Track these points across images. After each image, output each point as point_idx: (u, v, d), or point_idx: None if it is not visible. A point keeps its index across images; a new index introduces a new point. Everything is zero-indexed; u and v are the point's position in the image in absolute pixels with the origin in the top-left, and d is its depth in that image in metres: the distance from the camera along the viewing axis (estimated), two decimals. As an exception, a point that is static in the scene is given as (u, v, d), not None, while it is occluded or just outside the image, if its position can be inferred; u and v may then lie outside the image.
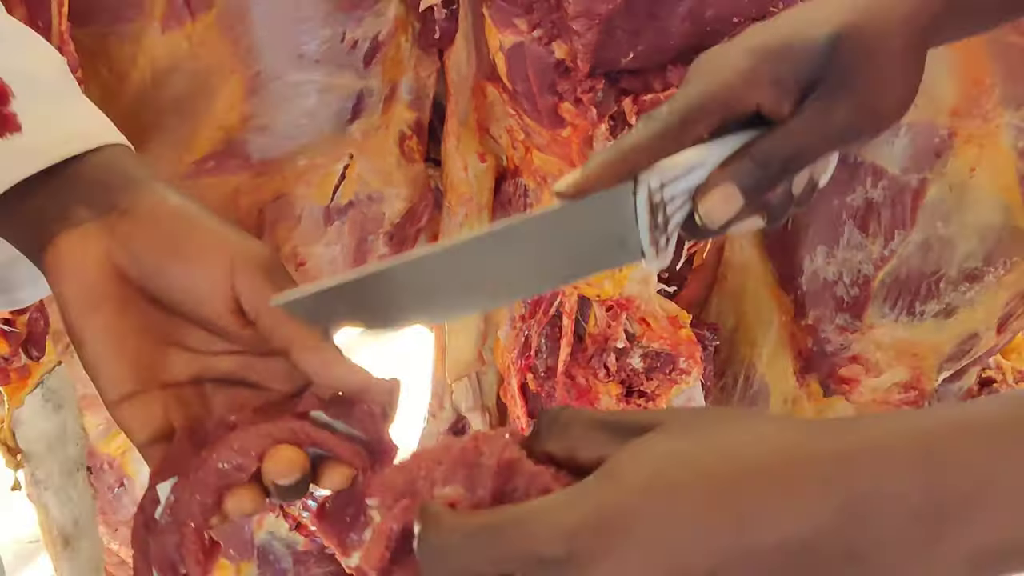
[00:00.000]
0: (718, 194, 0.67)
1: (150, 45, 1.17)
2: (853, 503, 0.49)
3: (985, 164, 1.25)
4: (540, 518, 0.52)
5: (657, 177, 0.67)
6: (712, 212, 0.68)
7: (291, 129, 1.27)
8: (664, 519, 0.50)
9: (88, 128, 0.70)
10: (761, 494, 0.50)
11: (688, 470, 0.52)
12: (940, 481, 0.49)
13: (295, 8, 1.20)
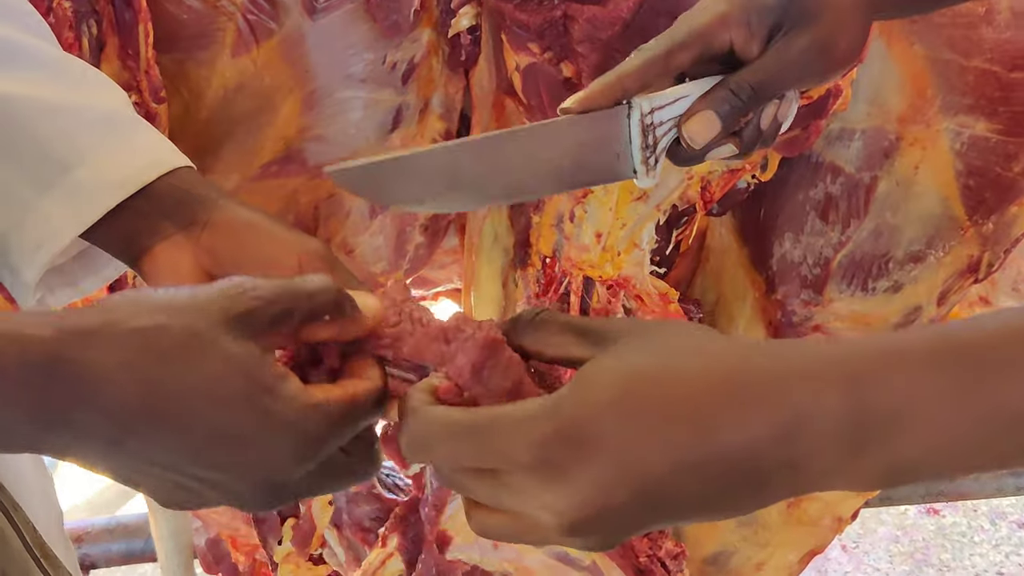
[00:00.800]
0: (700, 119, 0.70)
1: (222, 68, 1.19)
2: (787, 419, 0.49)
3: (927, 163, 1.26)
4: (516, 426, 0.52)
5: (648, 103, 0.70)
6: (694, 134, 0.70)
7: (341, 138, 1.27)
8: (627, 432, 0.51)
9: (160, 156, 0.72)
10: (711, 411, 0.51)
11: (648, 389, 0.52)
12: (863, 403, 0.49)
13: (344, 36, 1.20)
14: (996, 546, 2.42)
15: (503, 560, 1.58)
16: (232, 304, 0.54)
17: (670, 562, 1.47)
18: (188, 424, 0.51)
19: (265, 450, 0.52)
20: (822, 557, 2.31)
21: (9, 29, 0.74)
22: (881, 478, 0.51)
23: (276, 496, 0.55)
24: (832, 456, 0.50)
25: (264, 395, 0.52)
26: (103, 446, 0.50)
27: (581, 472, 0.51)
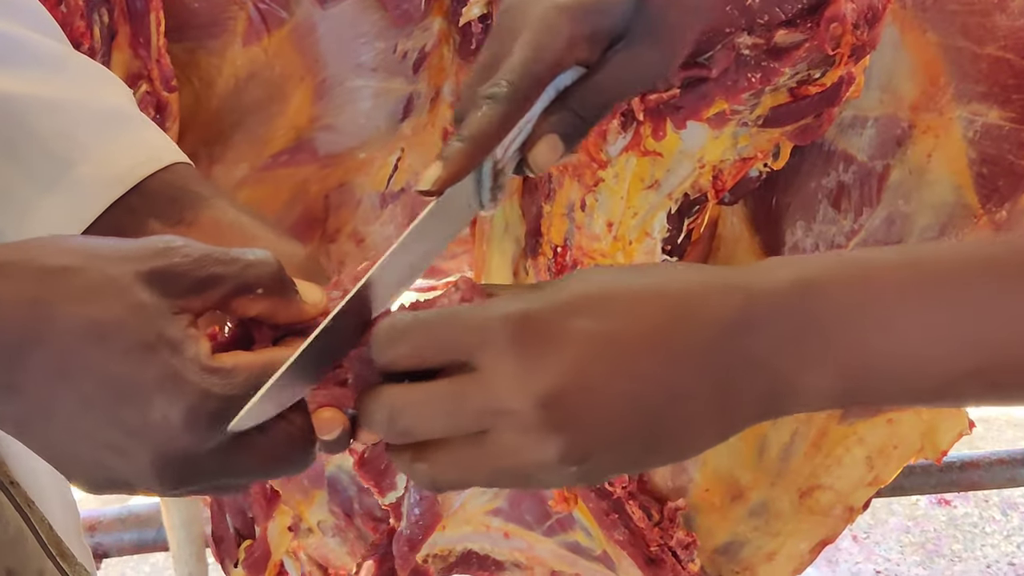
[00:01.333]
0: (544, 145, 0.64)
1: (233, 57, 1.19)
2: (748, 320, 0.52)
3: (940, 151, 1.25)
4: (490, 311, 0.54)
5: (499, 149, 0.64)
6: (539, 161, 0.65)
7: (352, 127, 1.27)
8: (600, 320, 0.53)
9: (158, 152, 0.72)
10: (681, 299, 0.53)
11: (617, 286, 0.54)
12: (811, 312, 0.51)
13: (355, 24, 1.20)
14: (1008, 536, 2.42)
15: (514, 550, 1.58)
16: (154, 258, 0.52)
17: (681, 552, 1.47)
18: (83, 369, 0.49)
19: (161, 411, 0.50)
20: (833, 547, 2.31)
21: (13, 25, 0.74)
22: (834, 382, 0.52)
23: (184, 472, 0.52)
24: (790, 353, 0.52)
25: (165, 349, 0.50)
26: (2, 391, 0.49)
27: (556, 350, 0.52)
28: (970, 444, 1.71)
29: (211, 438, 0.51)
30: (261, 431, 0.54)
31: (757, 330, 0.52)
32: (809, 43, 1.09)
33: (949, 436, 1.46)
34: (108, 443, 0.50)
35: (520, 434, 0.52)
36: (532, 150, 0.64)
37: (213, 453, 0.52)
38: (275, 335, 0.58)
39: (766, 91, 1.14)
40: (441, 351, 0.54)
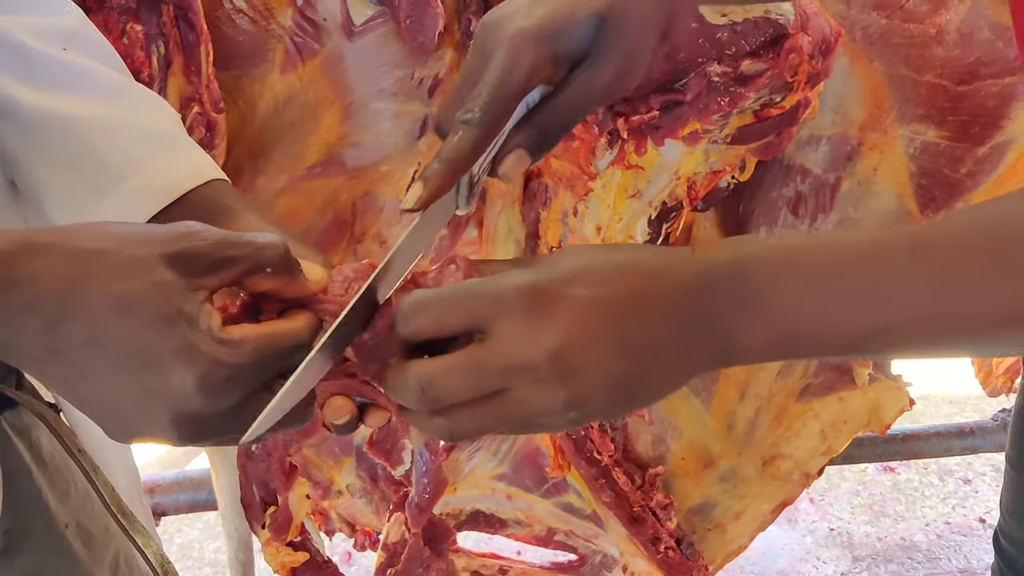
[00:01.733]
0: (513, 158, 0.62)
1: (272, 83, 1.18)
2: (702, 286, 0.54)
3: (885, 165, 1.25)
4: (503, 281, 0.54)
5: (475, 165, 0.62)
6: (508, 171, 0.63)
7: (375, 144, 1.26)
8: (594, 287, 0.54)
9: (199, 169, 0.71)
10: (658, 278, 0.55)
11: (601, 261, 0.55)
12: (745, 283, 0.54)
13: (378, 55, 1.20)
14: (944, 499, 2.41)
15: (515, 509, 1.58)
16: (176, 241, 0.52)
17: (660, 511, 1.47)
18: (112, 339, 0.49)
19: (178, 377, 0.50)
20: (792, 508, 2.30)
21: (82, 57, 0.74)
22: (773, 342, 0.54)
23: (198, 430, 0.52)
24: (731, 314, 0.54)
25: (182, 321, 0.50)
26: (42, 352, 0.49)
27: (560, 314, 0.52)
28: (911, 419, 1.70)
29: (222, 401, 0.51)
30: (268, 390, 0.54)
31: (708, 295, 0.54)
32: (771, 71, 1.09)
33: (892, 412, 1.46)
34: (133, 402, 0.50)
35: (534, 386, 0.53)
36: (502, 163, 0.62)
37: (224, 413, 0.52)
38: (281, 307, 0.58)
39: (734, 113, 1.14)
40: (460, 320, 0.54)
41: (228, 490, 1.40)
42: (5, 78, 0.71)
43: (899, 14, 1.17)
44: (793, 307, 0.53)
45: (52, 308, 0.48)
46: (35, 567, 0.81)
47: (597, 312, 0.53)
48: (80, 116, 0.70)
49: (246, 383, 0.52)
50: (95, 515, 0.88)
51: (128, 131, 0.71)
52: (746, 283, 0.54)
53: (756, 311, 0.54)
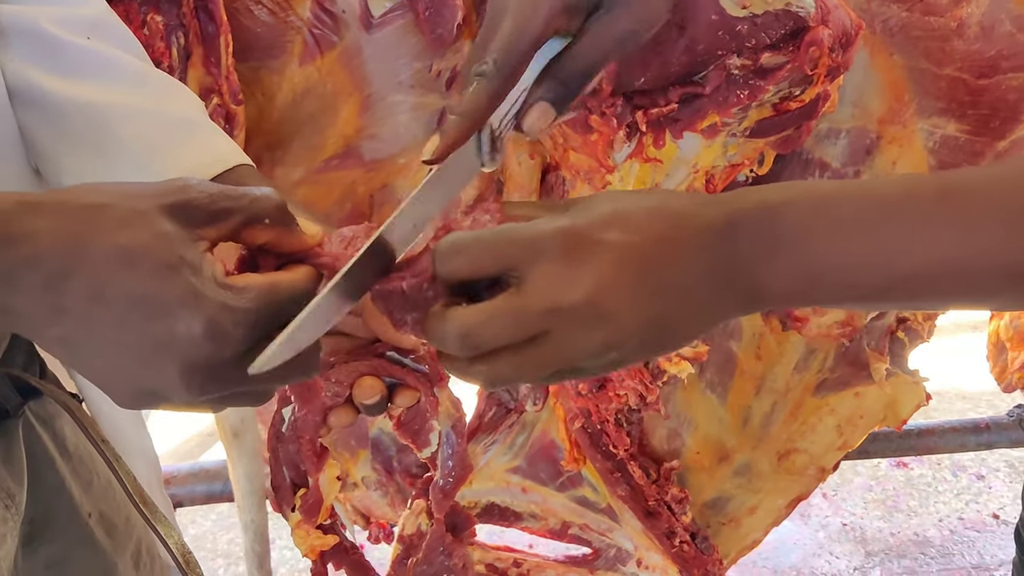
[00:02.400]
0: (536, 111, 0.62)
1: (291, 75, 1.18)
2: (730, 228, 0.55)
3: (904, 159, 1.24)
4: (542, 226, 0.54)
5: (495, 117, 0.62)
6: (533, 126, 0.63)
7: (393, 136, 1.26)
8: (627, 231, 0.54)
9: (224, 154, 0.72)
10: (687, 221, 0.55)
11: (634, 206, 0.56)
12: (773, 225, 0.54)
13: (396, 47, 1.20)
14: (958, 495, 2.40)
15: (530, 502, 1.58)
16: (175, 194, 0.52)
17: (675, 505, 1.47)
18: (116, 290, 0.49)
19: (185, 324, 0.49)
20: (806, 503, 2.30)
21: (104, 46, 0.75)
22: (799, 286, 0.55)
23: (207, 380, 0.51)
24: (759, 256, 0.55)
25: (186, 269, 0.50)
26: (44, 312, 0.48)
27: (596, 257, 0.53)
28: (925, 414, 1.70)
29: (229, 347, 0.51)
30: (272, 340, 0.53)
31: (736, 236, 0.55)
32: (791, 64, 1.09)
33: (909, 407, 1.45)
34: (140, 356, 0.50)
35: (573, 328, 0.53)
36: (526, 116, 0.62)
37: (232, 361, 0.51)
38: (278, 263, 0.58)
39: (753, 106, 1.14)
40: (497, 263, 0.54)
41: (244, 481, 1.40)
42: (31, 67, 0.71)
43: (920, 7, 1.16)
44: (821, 249, 0.54)
45: (53, 264, 0.47)
46: (59, 556, 0.82)
47: (631, 255, 0.54)
48: (104, 103, 0.71)
49: (252, 329, 0.52)
50: (117, 505, 0.89)
51: (151, 118, 0.72)
52: (775, 225, 0.54)
53: (784, 253, 0.54)
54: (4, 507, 0.75)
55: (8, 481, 0.76)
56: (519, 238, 0.54)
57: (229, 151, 0.73)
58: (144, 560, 0.92)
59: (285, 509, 0.79)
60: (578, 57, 0.63)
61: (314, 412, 0.71)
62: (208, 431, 2.89)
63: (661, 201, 0.57)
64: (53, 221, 0.48)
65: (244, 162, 0.72)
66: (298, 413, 0.72)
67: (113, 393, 0.52)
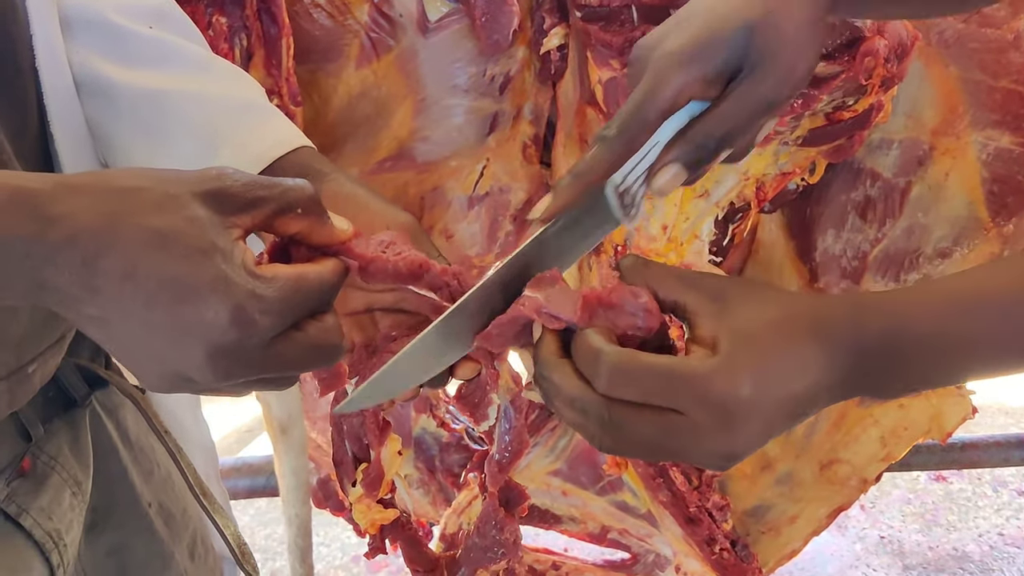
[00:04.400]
0: (667, 173, 0.61)
1: (347, 78, 1.20)
2: (858, 347, 0.55)
3: (956, 171, 1.24)
4: (704, 378, 0.54)
5: (619, 175, 0.61)
6: (663, 187, 0.62)
7: (446, 139, 1.27)
8: (775, 376, 0.54)
9: (287, 137, 0.72)
10: (826, 341, 0.55)
11: (774, 343, 0.55)
12: (897, 355, 0.55)
13: (451, 51, 1.21)
14: (998, 510, 2.38)
15: (570, 506, 1.59)
16: (211, 181, 0.53)
17: (716, 513, 1.47)
18: (148, 271, 0.49)
19: (213, 309, 0.50)
20: (843, 515, 2.29)
21: (168, 34, 0.76)
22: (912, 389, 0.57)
23: (233, 364, 0.52)
24: (881, 382, 0.55)
25: (217, 255, 0.50)
26: (80, 290, 0.49)
27: (751, 416, 0.53)
28: (966, 429, 1.68)
29: (255, 334, 0.51)
30: (297, 328, 0.54)
31: (860, 371, 0.55)
32: (845, 74, 1.09)
33: (954, 420, 1.44)
34: (168, 338, 0.50)
35: (707, 425, 0.54)
36: (655, 177, 0.62)
37: (258, 347, 0.51)
38: (309, 257, 0.58)
39: (806, 115, 1.14)
40: (655, 399, 0.54)
41: (290, 476, 1.42)
42: (97, 57, 0.73)
43: (976, 19, 1.16)
44: (937, 366, 0.55)
45: (90, 243, 0.48)
46: (119, 542, 0.84)
47: (778, 416, 0.54)
48: (170, 90, 0.72)
49: (278, 318, 0.52)
50: (175, 496, 0.91)
51: (216, 103, 0.73)
52: (896, 361, 0.55)
53: (903, 378, 0.56)
54: (72, 494, 0.76)
55: (76, 469, 0.78)
56: (690, 389, 0.54)
57: (291, 134, 0.74)
58: (199, 551, 0.94)
59: (346, 484, 0.81)
60: (716, 122, 0.62)
61: None
62: (246, 427, 2.93)
63: (812, 354, 0.56)
64: (91, 202, 0.49)
65: (305, 143, 0.74)
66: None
67: (143, 375, 0.53)
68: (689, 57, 0.61)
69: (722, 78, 0.61)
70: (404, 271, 0.61)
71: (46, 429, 0.75)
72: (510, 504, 0.94)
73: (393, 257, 0.60)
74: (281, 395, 1.32)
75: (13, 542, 0.71)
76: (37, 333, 0.70)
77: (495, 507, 0.94)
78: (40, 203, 0.48)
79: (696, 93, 0.61)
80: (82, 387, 0.81)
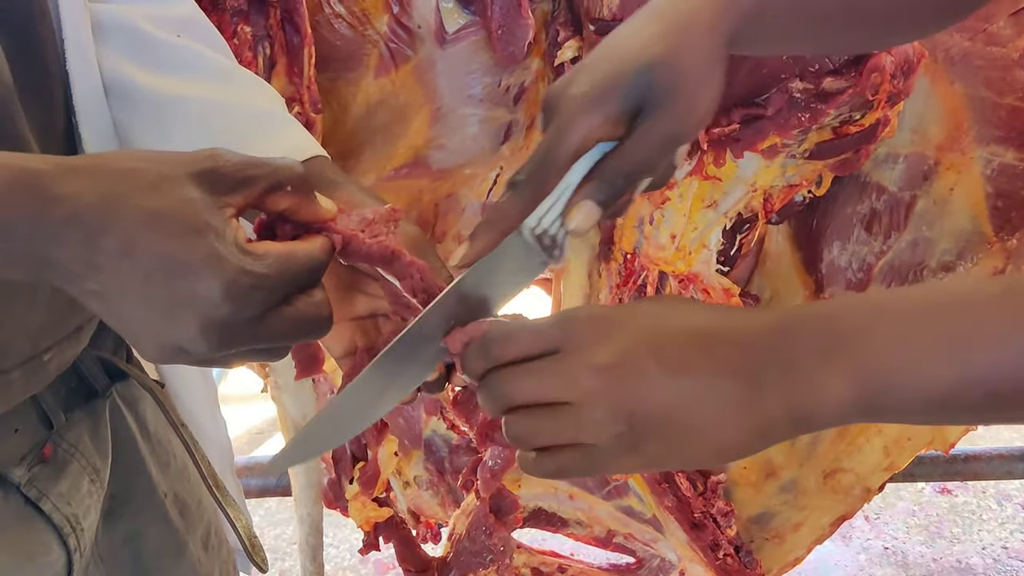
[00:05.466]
0: (581, 211, 0.62)
1: (366, 87, 1.21)
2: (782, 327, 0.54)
3: (961, 185, 1.25)
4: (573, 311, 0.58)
5: (533, 219, 0.63)
6: (579, 226, 0.62)
7: (461, 148, 1.29)
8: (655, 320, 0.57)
9: (302, 145, 0.74)
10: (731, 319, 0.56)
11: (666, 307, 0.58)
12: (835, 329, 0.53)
13: (468, 62, 1.22)
14: (1002, 524, 2.37)
15: (576, 509, 1.60)
16: (204, 161, 0.54)
17: (721, 518, 1.48)
18: (144, 250, 0.51)
19: (206, 285, 0.51)
20: (847, 526, 2.29)
21: (194, 43, 0.78)
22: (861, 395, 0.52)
23: (225, 337, 0.53)
24: (817, 361, 0.52)
25: (210, 233, 0.52)
26: (81, 266, 0.51)
27: (615, 337, 0.56)
28: (971, 442, 1.69)
29: (246, 308, 0.53)
30: (288, 303, 0.56)
31: (789, 336, 0.53)
32: (852, 89, 1.10)
33: (956, 431, 1.45)
34: (164, 312, 0.52)
35: (584, 397, 0.55)
36: (570, 216, 0.62)
37: (249, 321, 0.53)
38: (295, 234, 0.60)
39: (813, 129, 1.15)
40: (540, 345, 0.58)
41: (303, 475, 1.43)
42: (126, 62, 0.75)
43: (982, 37, 1.17)
44: (887, 347, 0.51)
45: (91, 222, 0.50)
46: (135, 530, 0.85)
47: (652, 339, 0.55)
48: (194, 97, 0.74)
49: (268, 293, 0.54)
50: (191, 487, 0.92)
51: (236, 112, 0.75)
52: (835, 325, 0.52)
53: (846, 353, 0.52)
54: (90, 481, 0.78)
55: (95, 457, 0.79)
56: (558, 322, 0.57)
57: (307, 143, 0.75)
58: (212, 542, 0.95)
59: (344, 481, 0.82)
60: (622, 159, 0.62)
61: None
62: (258, 429, 2.94)
63: (705, 307, 0.58)
64: (91, 183, 0.51)
65: (320, 153, 0.75)
66: None
67: (141, 347, 0.55)
68: (593, 100, 0.62)
69: (626, 117, 0.62)
70: (376, 254, 0.63)
71: (68, 418, 0.77)
72: (501, 511, 0.95)
73: (370, 239, 0.62)
74: (296, 396, 1.33)
75: (33, 525, 0.72)
76: (54, 323, 0.72)
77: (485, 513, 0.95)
78: (43, 184, 0.50)
79: (603, 135, 0.62)
80: (103, 379, 0.82)
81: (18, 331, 0.68)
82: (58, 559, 0.73)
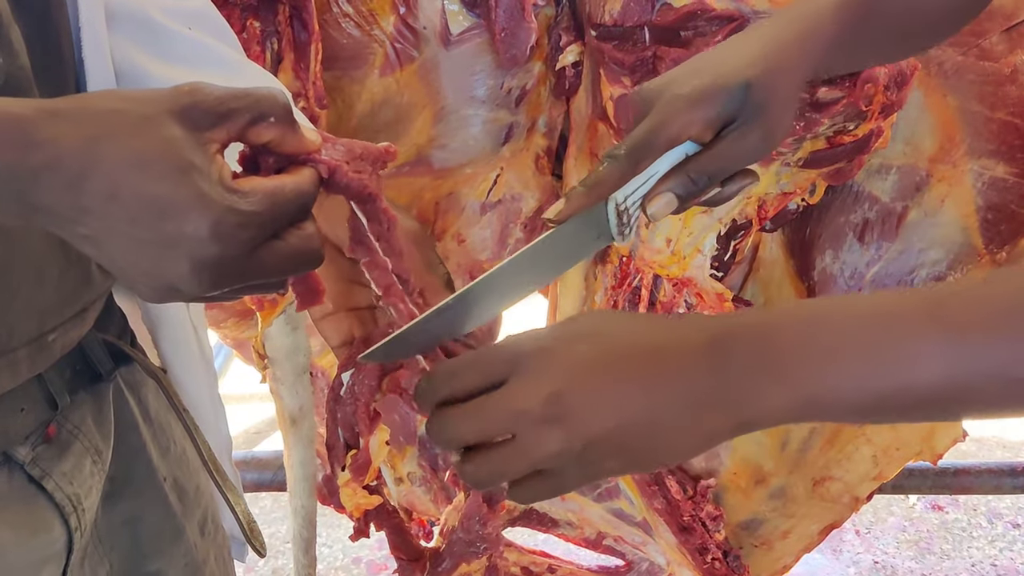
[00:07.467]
0: (661, 200, 0.68)
1: (370, 85, 1.24)
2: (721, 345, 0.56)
3: (952, 197, 1.27)
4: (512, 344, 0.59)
5: (621, 194, 0.69)
6: (656, 212, 0.69)
7: (462, 147, 1.31)
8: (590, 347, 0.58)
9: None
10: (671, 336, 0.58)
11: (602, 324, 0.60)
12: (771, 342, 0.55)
13: (471, 64, 1.25)
14: (992, 541, 2.39)
15: (567, 511, 1.61)
16: (183, 98, 0.53)
17: (710, 522, 1.49)
18: (130, 191, 0.50)
19: (193, 224, 0.51)
20: (838, 539, 2.31)
21: (205, 36, 0.80)
22: (798, 401, 0.55)
23: (216, 275, 0.53)
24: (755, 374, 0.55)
25: (194, 171, 0.51)
26: (70, 211, 0.51)
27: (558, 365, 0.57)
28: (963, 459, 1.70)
29: (235, 246, 0.53)
30: (279, 237, 0.55)
31: (728, 358, 0.55)
32: (846, 100, 1.12)
33: (945, 442, 1.46)
34: (154, 253, 0.52)
35: (535, 426, 0.56)
36: (651, 202, 0.69)
37: (240, 259, 0.53)
38: (278, 167, 0.59)
39: (807, 138, 1.17)
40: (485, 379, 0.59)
41: (298, 467, 1.45)
42: (137, 50, 0.77)
43: (975, 51, 1.19)
44: (817, 372, 0.54)
45: (73, 166, 0.50)
46: (134, 512, 0.87)
47: (597, 364, 0.57)
48: None
49: (256, 230, 0.54)
50: (190, 473, 0.94)
51: None
52: (769, 348, 0.55)
53: (781, 376, 0.55)
54: (92, 462, 0.80)
55: (97, 439, 0.81)
56: (500, 355, 0.59)
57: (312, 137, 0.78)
58: (209, 528, 0.97)
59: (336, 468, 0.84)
60: (708, 161, 0.69)
61: (371, 378, 0.76)
62: (255, 429, 2.96)
63: (644, 321, 0.61)
64: (72, 126, 0.51)
65: None
66: (356, 379, 0.77)
67: (137, 288, 0.55)
68: (694, 102, 0.69)
69: (718, 124, 0.69)
70: (354, 188, 0.62)
71: (72, 400, 0.79)
72: (492, 500, 0.97)
73: (352, 173, 0.62)
74: (293, 388, 1.35)
75: (36, 503, 0.74)
76: (61, 304, 0.74)
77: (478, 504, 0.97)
78: (24, 128, 0.50)
79: (694, 133, 0.69)
80: (108, 362, 0.84)
81: (25, 311, 0.70)
82: (59, 537, 0.75)
